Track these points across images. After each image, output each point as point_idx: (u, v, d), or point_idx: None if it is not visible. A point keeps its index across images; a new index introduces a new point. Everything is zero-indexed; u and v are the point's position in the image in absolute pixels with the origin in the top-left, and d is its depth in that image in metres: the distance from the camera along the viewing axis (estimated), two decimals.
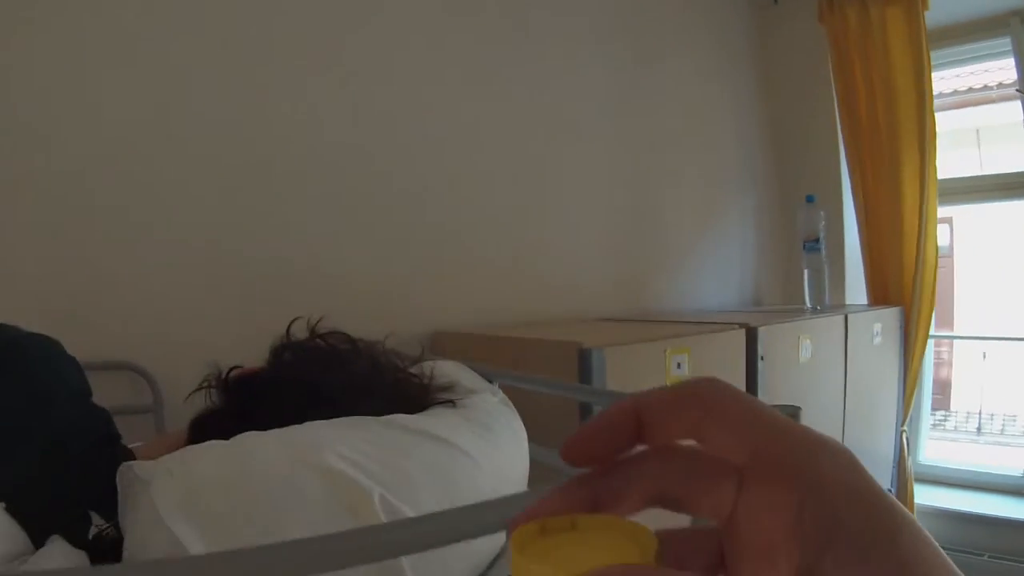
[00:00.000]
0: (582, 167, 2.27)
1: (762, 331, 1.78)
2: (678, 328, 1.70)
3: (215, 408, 0.85)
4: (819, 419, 2.04)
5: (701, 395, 0.29)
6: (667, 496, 0.29)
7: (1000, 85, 3.27)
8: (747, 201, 2.97)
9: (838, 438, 1.16)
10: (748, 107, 3.03)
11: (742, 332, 1.75)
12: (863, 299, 2.87)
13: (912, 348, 2.61)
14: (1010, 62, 2.90)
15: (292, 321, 0.92)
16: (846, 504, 0.26)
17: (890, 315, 2.55)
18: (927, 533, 0.27)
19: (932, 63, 2.69)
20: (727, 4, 2.99)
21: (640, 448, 0.30)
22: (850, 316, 2.22)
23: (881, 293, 2.75)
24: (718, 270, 2.80)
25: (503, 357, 1.60)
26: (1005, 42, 2.91)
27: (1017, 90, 2.88)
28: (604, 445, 0.29)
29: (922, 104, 2.65)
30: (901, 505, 0.27)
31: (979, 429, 3.86)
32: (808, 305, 2.47)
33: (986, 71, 3.25)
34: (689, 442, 0.29)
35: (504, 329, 1.83)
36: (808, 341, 1.99)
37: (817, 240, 2.49)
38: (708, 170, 2.78)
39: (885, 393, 2.50)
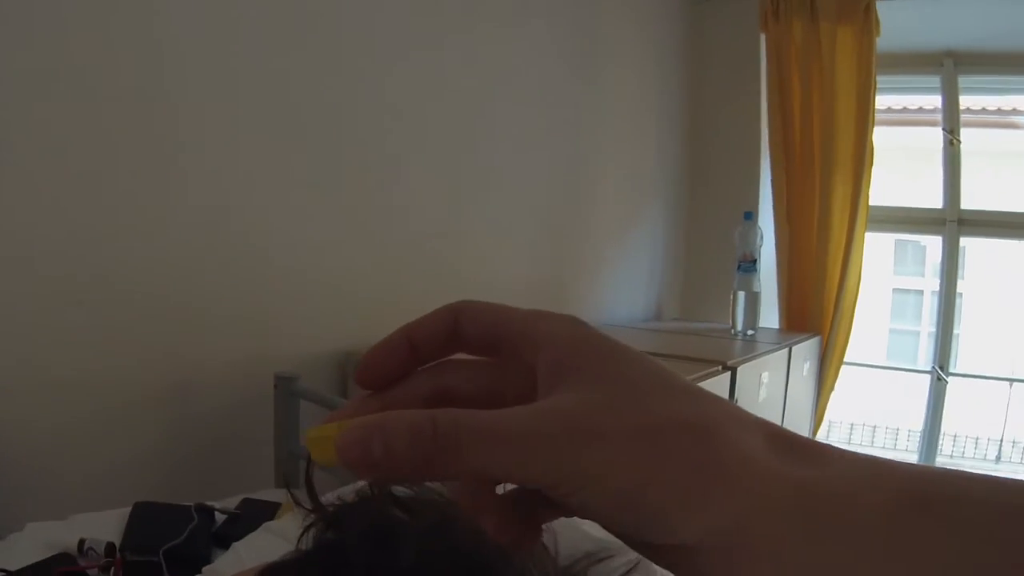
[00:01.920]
0: (506, 167, 2.05)
1: (740, 371, 1.71)
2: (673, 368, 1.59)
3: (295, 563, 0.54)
4: None
5: (452, 305, 0.34)
6: (443, 392, 0.34)
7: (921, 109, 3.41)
8: (660, 209, 2.88)
9: None
10: (673, 106, 2.93)
11: (727, 375, 1.66)
12: (772, 321, 2.82)
13: (827, 374, 2.65)
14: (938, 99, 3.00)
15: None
16: (571, 348, 0.30)
17: (813, 344, 2.56)
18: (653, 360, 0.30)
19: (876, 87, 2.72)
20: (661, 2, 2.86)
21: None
22: (793, 348, 2.20)
23: (797, 318, 2.74)
24: (627, 280, 2.69)
25: None
26: (935, 80, 3.00)
27: (943, 129, 2.98)
28: (387, 366, 0.33)
29: (863, 129, 2.65)
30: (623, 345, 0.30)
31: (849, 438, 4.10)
32: (739, 330, 2.41)
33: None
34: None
35: None
36: (766, 376, 1.94)
37: (754, 261, 2.44)
38: (630, 174, 2.65)
39: (799, 420, 2.51)
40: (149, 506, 1.06)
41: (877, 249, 5.44)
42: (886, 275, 5.97)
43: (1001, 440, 5.12)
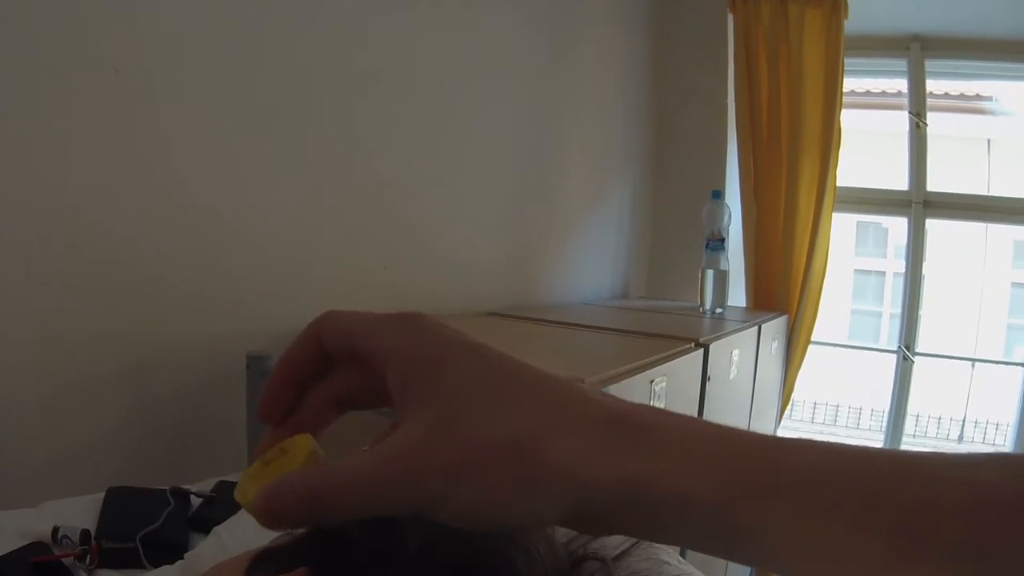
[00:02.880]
0: (471, 145, 2.02)
1: (712, 348, 1.73)
2: (647, 346, 1.60)
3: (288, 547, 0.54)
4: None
5: (313, 324, 0.39)
6: (343, 401, 0.40)
7: (884, 93, 3.45)
8: (626, 188, 2.89)
9: None
10: (641, 84, 2.94)
11: (700, 352, 1.68)
12: (739, 300, 2.87)
13: (794, 354, 2.69)
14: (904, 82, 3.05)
15: None
16: (408, 368, 0.34)
17: (781, 323, 2.60)
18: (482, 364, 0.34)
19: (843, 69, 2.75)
20: None
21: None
22: (761, 326, 2.23)
23: (764, 297, 2.78)
24: (595, 258, 2.70)
25: None
26: (902, 63, 3.05)
27: (909, 112, 3.02)
28: (279, 404, 0.39)
29: (831, 109, 2.69)
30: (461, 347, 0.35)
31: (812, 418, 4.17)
32: (708, 308, 2.44)
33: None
34: None
35: None
36: (737, 354, 1.97)
37: (723, 240, 2.47)
38: (596, 152, 2.65)
39: (769, 398, 2.55)
40: (123, 491, 1.05)
41: (840, 230, 5.55)
42: (848, 256, 6.08)
43: (964, 420, 5.24)
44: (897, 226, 6.02)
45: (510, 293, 2.20)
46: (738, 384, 2.02)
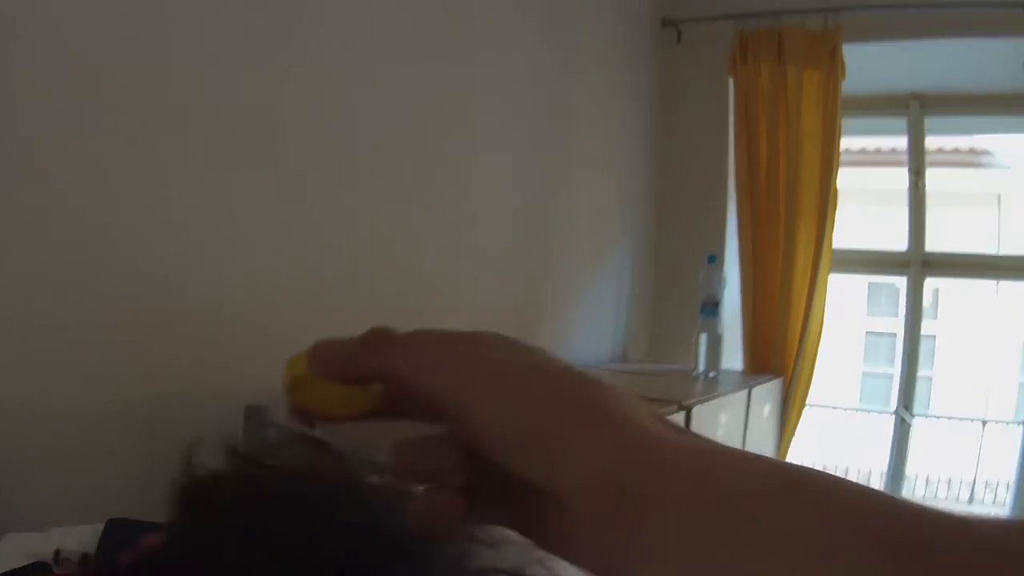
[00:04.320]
0: (472, 201, 2.12)
1: (695, 411, 1.79)
2: None
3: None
4: None
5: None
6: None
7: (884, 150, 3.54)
8: (626, 251, 2.97)
9: None
10: (642, 146, 3.04)
11: (681, 415, 1.74)
12: (736, 363, 2.91)
13: (789, 417, 2.74)
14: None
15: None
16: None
17: (775, 386, 2.65)
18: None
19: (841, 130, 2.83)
20: (635, 38, 2.98)
21: None
22: (753, 390, 2.28)
23: (761, 360, 2.82)
24: (593, 319, 2.76)
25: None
26: (902, 121, 3.14)
27: (908, 170, 3.10)
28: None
29: (828, 172, 2.76)
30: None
31: None
32: (701, 371, 2.49)
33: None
34: None
35: None
36: (724, 417, 2.02)
37: (717, 304, 2.53)
38: (596, 214, 2.74)
39: None
40: (123, 521, 1.12)
41: (850, 291, 5.58)
42: (859, 317, 6.12)
43: (974, 481, 5.22)
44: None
45: None
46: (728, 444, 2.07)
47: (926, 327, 6.39)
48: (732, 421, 2.10)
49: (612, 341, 2.87)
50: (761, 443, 2.54)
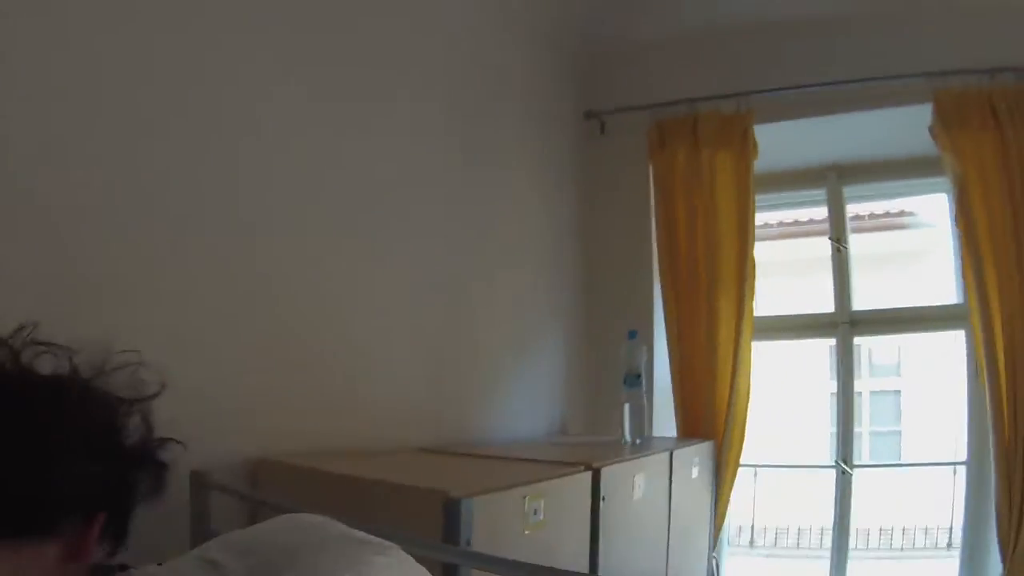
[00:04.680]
0: (397, 284, 2.32)
1: (605, 472, 1.94)
2: (531, 470, 1.82)
3: None
4: (649, 552, 2.21)
5: None
6: None
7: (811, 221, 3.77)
8: (559, 328, 3.18)
9: (662, 570, 1.30)
10: (570, 233, 3.27)
11: (588, 474, 1.90)
12: (671, 431, 3.09)
13: (723, 478, 2.89)
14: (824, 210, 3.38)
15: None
16: None
17: (704, 448, 2.81)
18: None
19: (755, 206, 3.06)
20: (559, 130, 3.24)
21: None
22: (675, 452, 2.44)
23: (692, 426, 3.01)
24: (528, 398, 2.94)
25: (338, 498, 1.58)
26: (822, 192, 3.38)
27: (829, 238, 3.33)
28: None
29: (744, 245, 2.99)
30: None
31: (751, 542, 4.25)
32: (627, 439, 2.65)
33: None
34: None
35: (338, 463, 1.80)
36: (640, 478, 2.17)
37: (639, 376, 2.72)
38: (524, 293, 2.95)
39: (697, 522, 2.73)
40: None
41: (813, 354, 5.75)
42: (823, 379, 6.28)
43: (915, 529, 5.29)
44: (875, 345, 6.26)
45: (444, 432, 2.44)
46: (649, 507, 2.22)
47: (891, 383, 6.54)
48: (654, 483, 2.26)
49: (549, 417, 3.06)
50: (696, 503, 2.69)
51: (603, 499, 1.93)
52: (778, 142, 3.12)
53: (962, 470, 3.13)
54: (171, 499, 1.60)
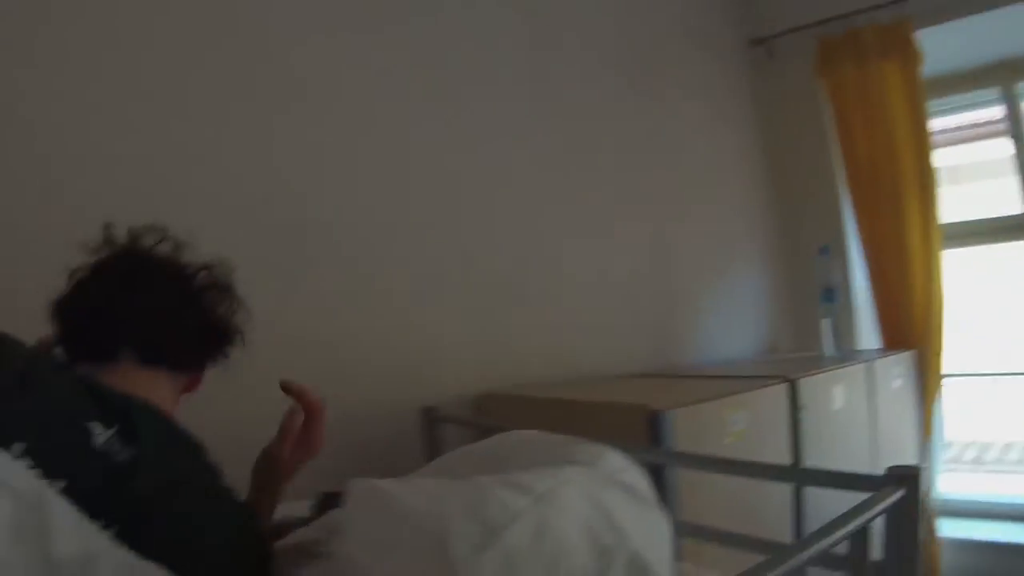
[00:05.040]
0: (599, 226, 2.51)
1: (801, 383, 2.00)
2: (730, 385, 1.91)
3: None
4: (853, 462, 2.25)
5: None
6: None
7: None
8: (755, 251, 3.22)
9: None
10: (752, 159, 3.30)
11: (785, 386, 1.96)
12: (876, 343, 3.10)
13: (927, 389, 2.85)
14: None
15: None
16: None
17: (905, 359, 2.78)
18: None
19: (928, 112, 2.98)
20: (727, 59, 3.27)
21: None
22: (873, 363, 2.44)
23: (894, 337, 3.00)
24: (733, 320, 3.03)
25: (554, 420, 1.73)
26: (994, 91, 3.23)
27: (1011, 136, 3.18)
28: None
29: (922, 152, 2.93)
30: None
31: (977, 459, 4.09)
32: (827, 352, 2.70)
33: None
34: None
35: (555, 390, 2.00)
36: (839, 389, 2.21)
37: (833, 290, 2.74)
38: (717, 223, 3.04)
39: (905, 434, 2.72)
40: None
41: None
42: None
43: None
44: None
45: (653, 359, 2.63)
46: (850, 417, 2.25)
47: None
48: (853, 393, 2.28)
49: (756, 338, 3.15)
50: (901, 414, 2.67)
51: (801, 409, 1.99)
52: (944, 45, 3.01)
53: None
54: (404, 434, 1.83)
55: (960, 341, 3.03)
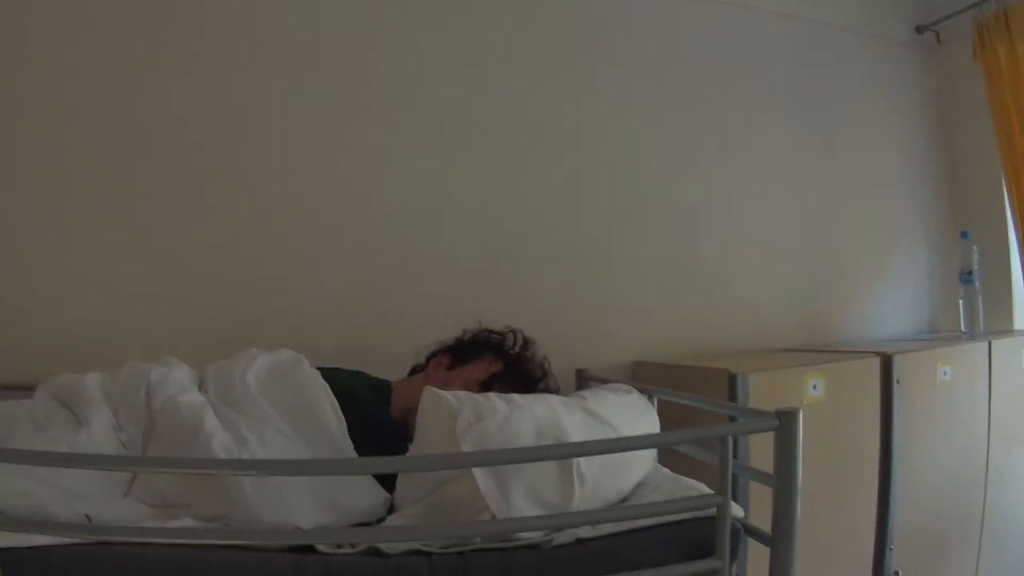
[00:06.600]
0: (763, 212, 2.84)
1: (898, 358, 2.18)
2: (818, 356, 2.13)
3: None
4: (960, 442, 2.39)
5: None
6: None
7: None
8: (916, 236, 3.35)
9: (981, 459, 2.10)
10: (913, 145, 3.41)
11: (877, 359, 2.15)
12: None
13: None
14: None
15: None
16: None
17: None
18: None
19: None
20: (892, 49, 3.39)
21: None
22: (994, 342, 2.53)
23: None
24: (893, 301, 3.21)
25: (682, 381, 2.11)
26: None
27: None
28: None
29: None
30: None
31: None
32: (963, 331, 2.85)
33: None
34: None
35: (690, 359, 2.36)
36: (948, 366, 2.34)
37: (971, 272, 2.85)
38: (878, 208, 3.22)
39: None
40: None
41: None
42: None
43: None
44: None
45: (810, 334, 2.90)
46: (958, 395, 2.38)
47: None
48: (965, 371, 2.40)
49: (916, 318, 3.30)
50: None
51: (896, 383, 2.16)
52: None
53: None
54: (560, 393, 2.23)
55: None
